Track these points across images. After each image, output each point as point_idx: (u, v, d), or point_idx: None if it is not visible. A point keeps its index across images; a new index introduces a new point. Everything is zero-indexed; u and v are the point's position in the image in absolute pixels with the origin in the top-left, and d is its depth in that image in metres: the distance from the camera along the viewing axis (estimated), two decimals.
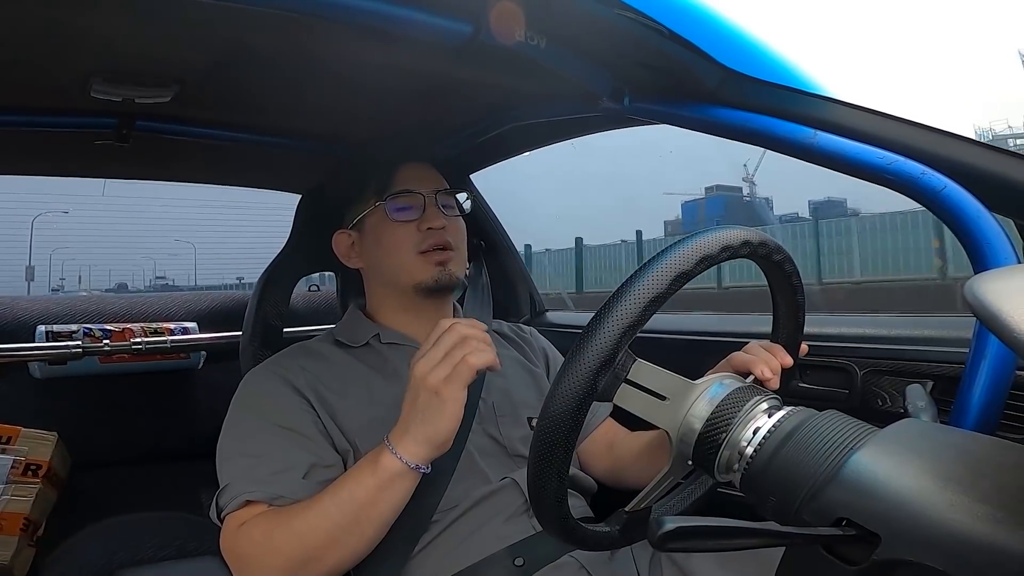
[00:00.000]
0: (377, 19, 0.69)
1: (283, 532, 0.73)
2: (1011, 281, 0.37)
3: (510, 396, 0.95)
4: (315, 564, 0.72)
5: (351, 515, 0.71)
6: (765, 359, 0.68)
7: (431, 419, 0.70)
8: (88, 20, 0.74)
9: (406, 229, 0.91)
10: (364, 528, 0.72)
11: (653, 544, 0.41)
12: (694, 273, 0.53)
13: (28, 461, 1.29)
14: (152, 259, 52.82)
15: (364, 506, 0.71)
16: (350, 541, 0.72)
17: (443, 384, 0.69)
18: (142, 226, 55.89)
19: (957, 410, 0.62)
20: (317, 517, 0.72)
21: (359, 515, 0.72)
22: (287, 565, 0.72)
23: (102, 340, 1.52)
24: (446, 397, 0.70)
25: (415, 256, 0.91)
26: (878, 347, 0.90)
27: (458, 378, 0.70)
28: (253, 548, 0.74)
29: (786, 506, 0.46)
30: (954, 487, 0.39)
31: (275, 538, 0.73)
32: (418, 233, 0.91)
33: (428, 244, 0.91)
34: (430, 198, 0.92)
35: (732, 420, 0.52)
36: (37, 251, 36.20)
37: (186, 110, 1.04)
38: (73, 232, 44.70)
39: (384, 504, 0.72)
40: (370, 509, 0.72)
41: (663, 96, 0.82)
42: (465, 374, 0.70)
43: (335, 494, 0.73)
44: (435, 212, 0.92)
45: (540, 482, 0.53)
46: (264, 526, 0.74)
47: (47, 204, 38.11)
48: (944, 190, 0.62)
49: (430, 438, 0.71)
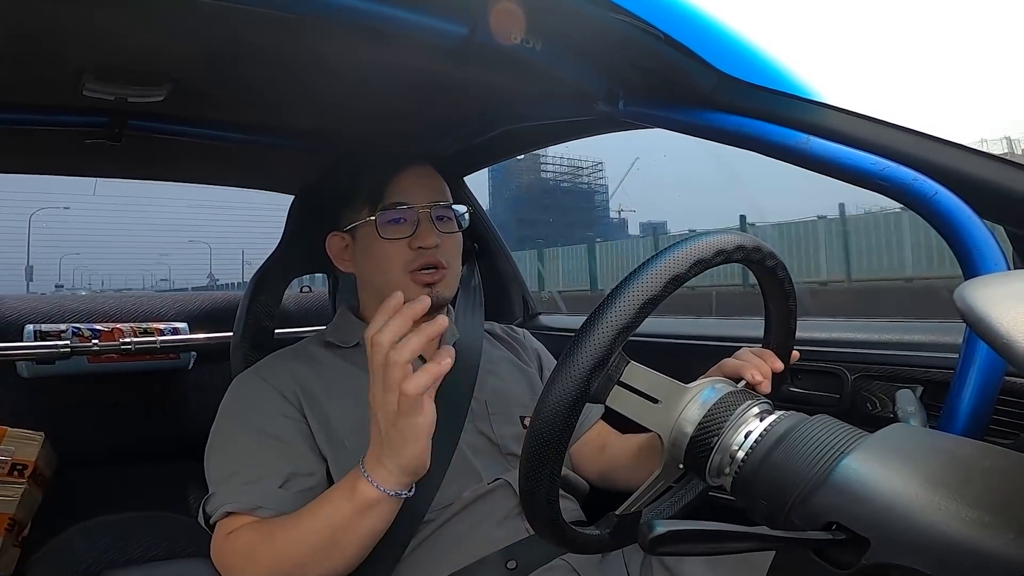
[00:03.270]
0: (372, 19, 0.69)
1: (265, 547, 0.73)
2: (1001, 287, 0.37)
3: (503, 394, 0.95)
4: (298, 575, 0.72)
5: (328, 538, 0.70)
6: (756, 364, 0.69)
7: (398, 448, 0.67)
8: (80, 17, 0.73)
9: (396, 246, 0.88)
10: (344, 550, 0.71)
11: (644, 547, 0.41)
12: (688, 276, 0.53)
13: (14, 461, 1.28)
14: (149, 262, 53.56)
15: (341, 531, 0.70)
16: (330, 561, 0.72)
17: (396, 417, 0.66)
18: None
19: (946, 415, 0.62)
20: (296, 536, 0.71)
21: (337, 538, 0.71)
22: (268, 575, 0.72)
23: (91, 340, 1.50)
24: (403, 427, 0.66)
25: (404, 275, 0.87)
26: (868, 352, 0.90)
27: (409, 409, 0.65)
28: (236, 560, 0.75)
29: (776, 510, 0.46)
30: (943, 491, 0.39)
31: (257, 552, 0.73)
32: (409, 251, 0.88)
33: (418, 264, 0.87)
34: (424, 212, 0.89)
35: (724, 424, 0.53)
36: (42, 252, 36.40)
37: (179, 109, 1.04)
38: (75, 233, 45.13)
39: (363, 529, 0.71)
40: (349, 534, 0.71)
41: (657, 100, 0.82)
42: (411, 403, 0.65)
43: (313, 516, 0.72)
44: (428, 229, 0.88)
45: (532, 482, 0.53)
46: (247, 538, 0.75)
47: (49, 203, 38.73)
48: (935, 196, 0.63)
49: (403, 467, 0.68)
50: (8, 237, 44.13)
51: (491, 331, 1.08)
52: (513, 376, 1.00)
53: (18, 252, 38.70)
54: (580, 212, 38.39)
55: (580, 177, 40.04)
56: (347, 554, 0.72)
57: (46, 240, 43.83)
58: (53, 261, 45.51)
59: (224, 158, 1.35)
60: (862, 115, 0.70)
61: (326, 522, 0.71)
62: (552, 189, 38.24)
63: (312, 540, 0.71)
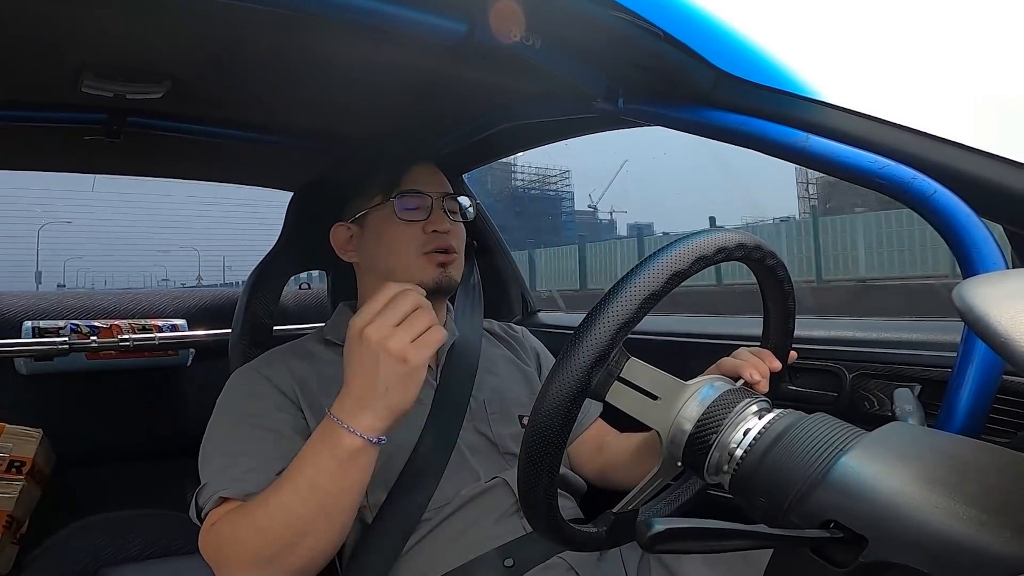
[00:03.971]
0: (372, 17, 0.69)
1: (247, 527, 0.69)
2: (999, 286, 0.37)
3: (501, 394, 0.95)
4: (286, 556, 0.68)
5: (315, 505, 0.67)
6: (754, 364, 0.69)
7: (397, 388, 0.66)
8: (80, 14, 0.73)
9: (412, 229, 0.91)
10: (331, 515, 0.69)
11: (642, 545, 0.41)
12: (689, 273, 0.53)
13: (12, 458, 1.28)
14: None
15: (327, 492, 0.67)
16: (317, 533, 0.69)
17: (410, 349, 0.65)
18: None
19: (944, 414, 0.62)
20: (279, 509, 0.68)
21: (323, 503, 0.68)
22: (255, 559, 0.69)
23: (89, 336, 1.50)
24: (415, 364, 0.65)
25: (418, 256, 0.90)
26: (867, 351, 0.90)
27: (426, 345, 0.66)
28: (221, 546, 0.72)
29: (775, 508, 0.46)
30: (940, 490, 0.40)
31: (240, 534, 0.70)
32: (423, 235, 0.90)
33: (432, 246, 0.90)
34: (438, 201, 0.92)
35: (722, 422, 0.53)
36: (48, 259, 40.91)
37: (178, 106, 1.04)
38: (78, 241, 48.93)
39: (349, 484, 0.68)
40: (336, 495, 0.68)
41: (657, 98, 0.82)
42: (434, 338, 0.66)
43: (294, 483, 0.68)
44: (441, 215, 0.92)
45: (531, 479, 0.53)
46: (231, 522, 0.72)
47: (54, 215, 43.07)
48: (934, 195, 0.63)
49: (394, 408, 0.67)
50: (20, 247, 48.61)
51: (490, 330, 1.08)
52: (512, 375, 1.00)
53: (28, 258, 43.30)
54: (548, 218, 39.71)
55: (548, 185, 41.82)
56: (334, 521, 0.69)
57: (52, 248, 48.85)
58: (58, 265, 49.47)
59: (223, 155, 1.35)
60: (861, 114, 0.70)
61: (309, 485, 0.67)
62: (521, 196, 39.21)
63: (298, 510, 0.67)
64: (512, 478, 0.83)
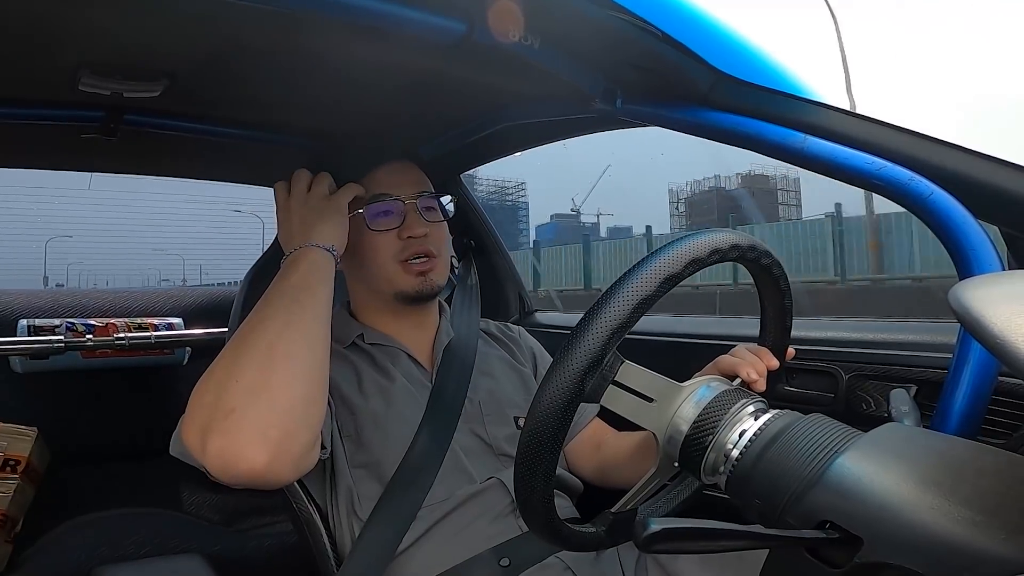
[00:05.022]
0: (370, 16, 0.69)
1: (202, 382, 0.70)
2: (995, 288, 0.37)
3: (497, 395, 0.95)
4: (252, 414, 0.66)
5: (281, 323, 0.71)
6: (751, 362, 0.69)
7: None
8: (77, 12, 0.73)
9: (385, 238, 0.89)
10: (301, 335, 0.71)
11: (638, 545, 0.41)
12: (683, 276, 0.53)
13: (7, 456, 1.27)
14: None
15: (297, 310, 0.72)
16: (286, 370, 0.68)
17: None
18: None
19: (940, 415, 0.63)
20: (240, 347, 0.71)
21: (291, 320, 0.71)
22: (208, 417, 0.67)
23: (85, 335, 1.50)
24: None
25: (396, 265, 0.89)
26: (863, 351, 0.91)
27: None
28: (185, 418, 0.70)
29: (771, 509, 0.46)
30: (935, 491, 0.40)
31: (196, 391, 0.70)
32: (399, 242, 0.89)
33: (409, 253, 0.89)
34: (411, 203, 0.90)
35: (719, 422, 0.53)
36: (55, 265, 48.67)
37: (176, 105, 1.03)
38: (80, 248, 56.24)
39: (318, 291, 0.75)
40: (305, 317, 0.72)
41: (655, 98, 0.82)
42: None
43: (260, 314, 0.74)
44: (416, 219, 0.89)
45: (527, 482, 0.53)
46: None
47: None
48: (931, 196, 0.63)
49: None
50: (30, 256, 54.79)
51: (486, 330, 1.08)
52: (508, 376, 1.00)
53: (36, 266, 49.56)
54: (506, 225, 41.48)
55: (506, 196, 44.04)
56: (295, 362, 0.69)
57: (58, 254, 54.86)
58: (61, 269, 54.81)
59: (220, 153, 1.34)
60: (859, 115, 0.70)
61: (259, 319, 0.73)
62: (484, 206, 41.20)
63: (261, 345, 0.70)
64: (508, 478, 0.83)
